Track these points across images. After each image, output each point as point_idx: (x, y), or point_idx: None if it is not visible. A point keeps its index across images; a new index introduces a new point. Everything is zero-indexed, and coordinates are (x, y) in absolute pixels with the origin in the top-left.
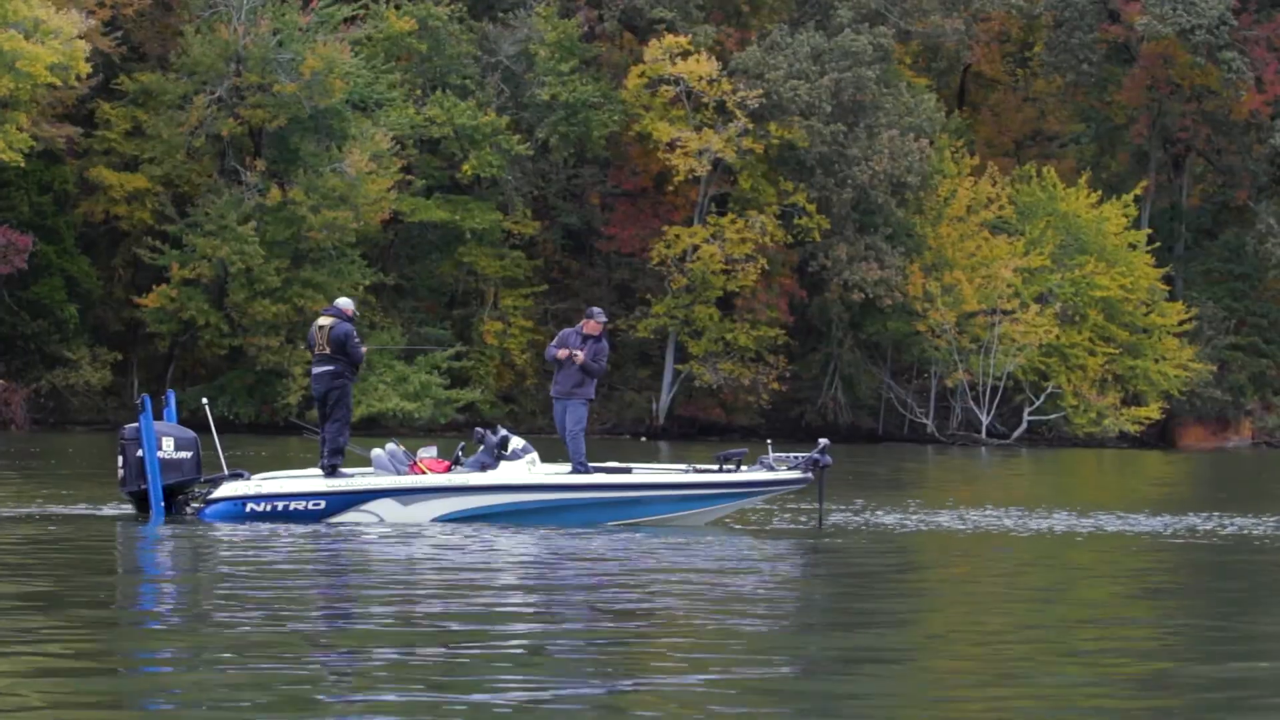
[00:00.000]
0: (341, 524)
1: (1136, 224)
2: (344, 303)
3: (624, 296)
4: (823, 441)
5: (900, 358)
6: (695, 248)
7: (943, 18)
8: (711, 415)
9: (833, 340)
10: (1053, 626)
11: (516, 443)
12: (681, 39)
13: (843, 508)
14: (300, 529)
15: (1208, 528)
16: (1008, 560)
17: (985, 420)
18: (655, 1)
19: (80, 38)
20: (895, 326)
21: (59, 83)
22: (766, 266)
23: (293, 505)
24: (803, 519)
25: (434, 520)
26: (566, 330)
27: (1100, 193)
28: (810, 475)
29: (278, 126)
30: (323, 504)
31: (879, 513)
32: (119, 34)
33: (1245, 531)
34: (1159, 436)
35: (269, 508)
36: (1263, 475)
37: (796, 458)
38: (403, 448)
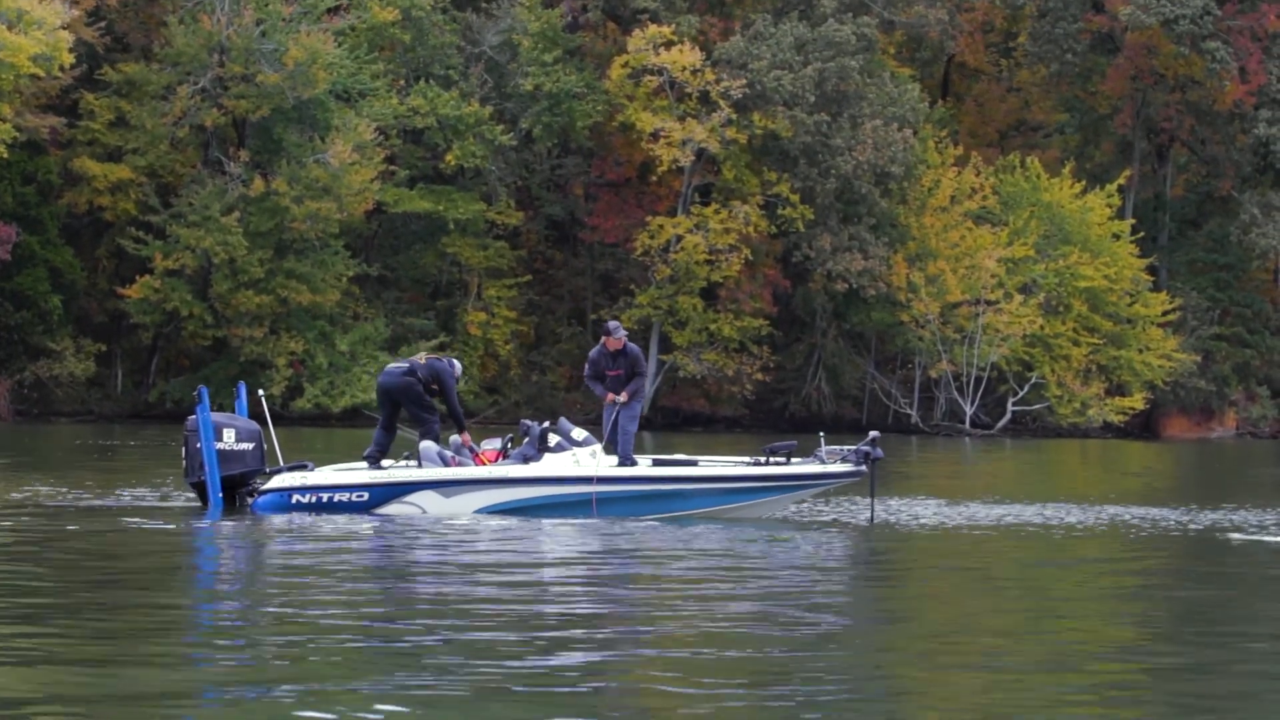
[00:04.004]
0: (385, 515)
1: (1120, 214)
2: (457, 364)
3: (607, 287)
4: (873, 434)
5: (884, 348)
6: (679, 238)
7: (926, 7)
8: (695, 406)
9: (816, 330)
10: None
11: (578, 434)
12: (665, 29)
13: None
14: (344, 520)
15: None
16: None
17: (969, 410)
18: None
19: (63, 28)
20: (879, 317)
21: (42, 73)
22: (750, 257)
23: (337, 497)
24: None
25: (476, 512)
26: (594, 354)
27: (1084, 183)
28: (864, 469)
29: (261, 117)
30: (366, 496)
31: (916, 506)
32: (102, 24)
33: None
34: (1143, 427)
35: (314, 499)
36: (1246, 466)
37: (848, 451)
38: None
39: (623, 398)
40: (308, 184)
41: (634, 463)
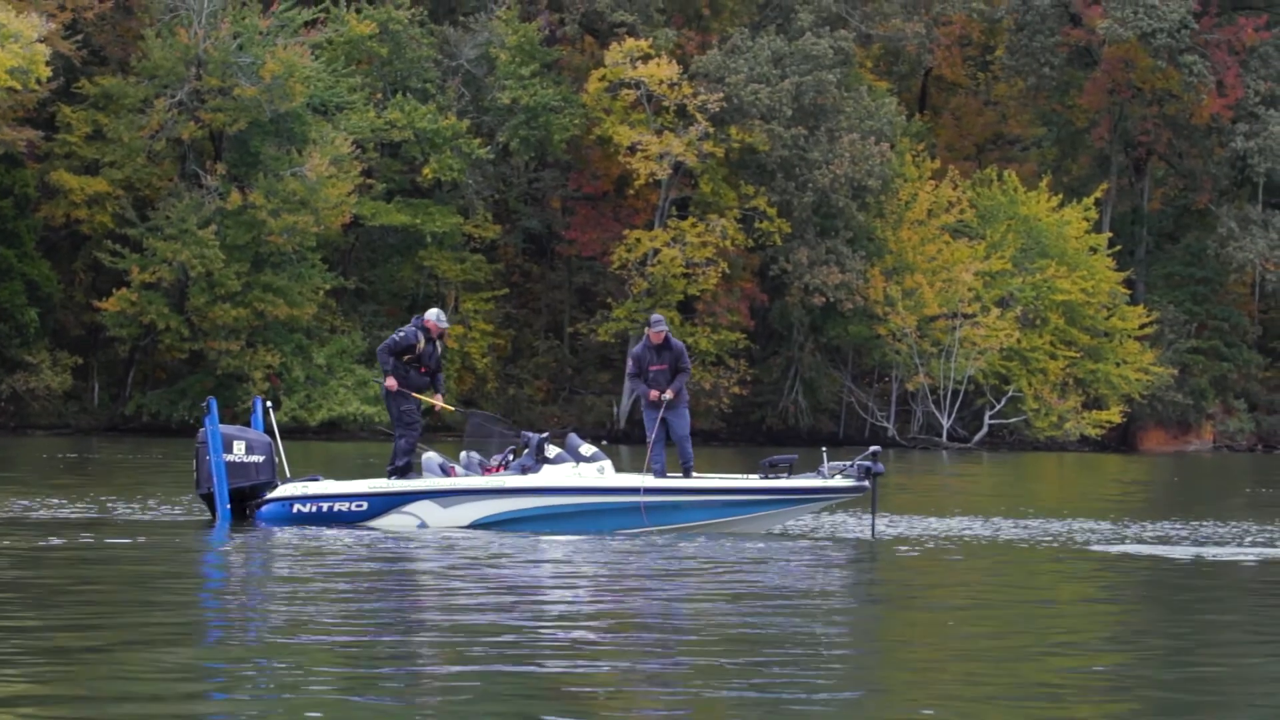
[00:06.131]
0: (383, 526)
1: (1097, 227)
2: (429, 314)
3: (585, 300)
4: (874, 449)
5: (861, 361)
6: (656, 251)
7: (904, 21)
8: None
9: (793, 344)
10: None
11: (587, 449)
12: (642, 43)
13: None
14: (344, 530)
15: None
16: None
17: (946, 424)
18: (616, 5)
19: (40, 41)
20: (856, 330)
21: (19, 86)
22: (727, 270)
23: (337, 507)
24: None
25: (473, 523)
26: (637, 350)
27: (1061, 196)
28: (867, 484)
29: (238, 130)
30: (365, 505)
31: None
32: (79, 37)
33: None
34: (1120, 440)
35: (314, 509)
36: (1223, 479)
37: (849, 466)
38: (477, 454)
39: (669, 395)
40: (285, 197)
41: (689, 467)
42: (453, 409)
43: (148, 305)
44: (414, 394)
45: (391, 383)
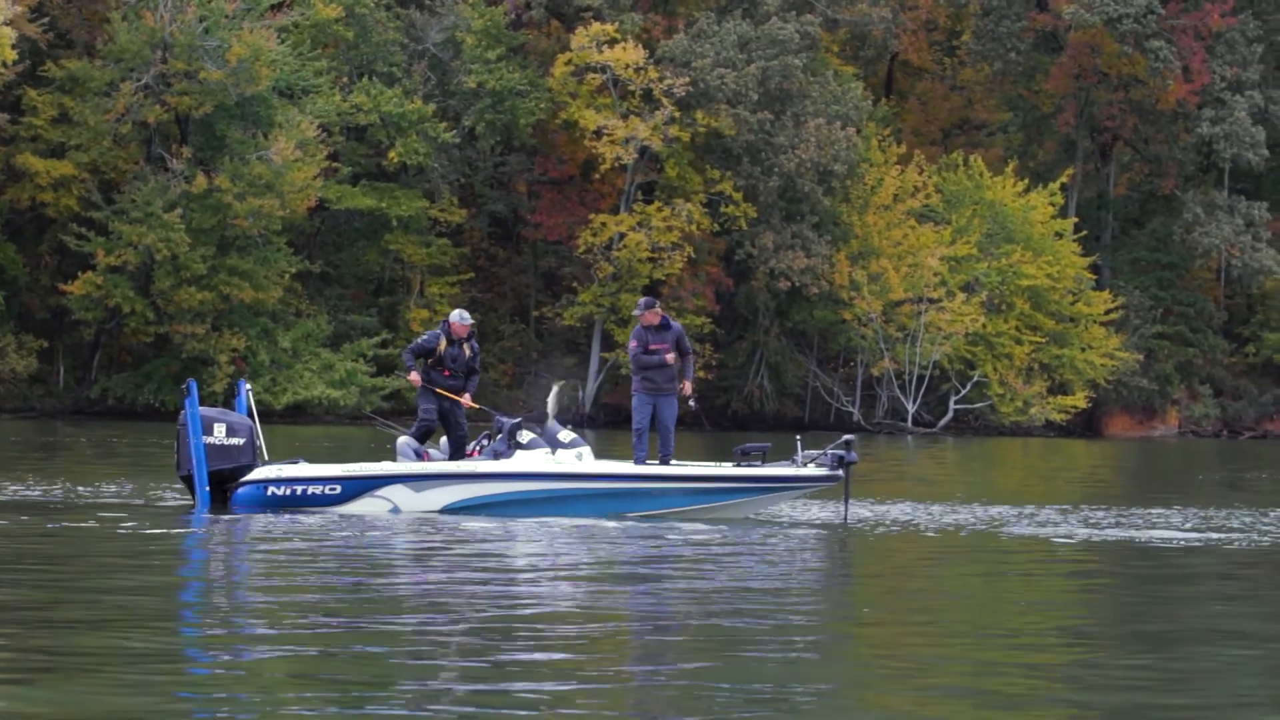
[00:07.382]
0: (355, 509)
1: (1063, 213)
2: (451, 315)
3: (550, 284)
4: (847, 437)
5: (826, 346)
6: (621, 236)
7: (870, 6)
8: None
9: (759, 328)
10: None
11: (565, 435)
12: (608, 27)
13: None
14: (315, 514)
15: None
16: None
17: (911, 409)
18: None
19: (6, 24)
20: (821, 315)
21: None
22: (693, 255)
23: (310, 490)
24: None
25: (445, 508)
26: (639, 330)
27: (1027, 181)
28: (840, 473)
29: (204, 114)
30: (338, 489)
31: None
32: (45, 20)
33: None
34: (1085, 425)
35: (288, 492)
36: (1189, 464)
37: (821, 454)
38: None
39: (670, 356)
40: (250, 181)
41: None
42: (478, 406)
43: (113, 288)
44: (438, 390)
45: (414, 377)
